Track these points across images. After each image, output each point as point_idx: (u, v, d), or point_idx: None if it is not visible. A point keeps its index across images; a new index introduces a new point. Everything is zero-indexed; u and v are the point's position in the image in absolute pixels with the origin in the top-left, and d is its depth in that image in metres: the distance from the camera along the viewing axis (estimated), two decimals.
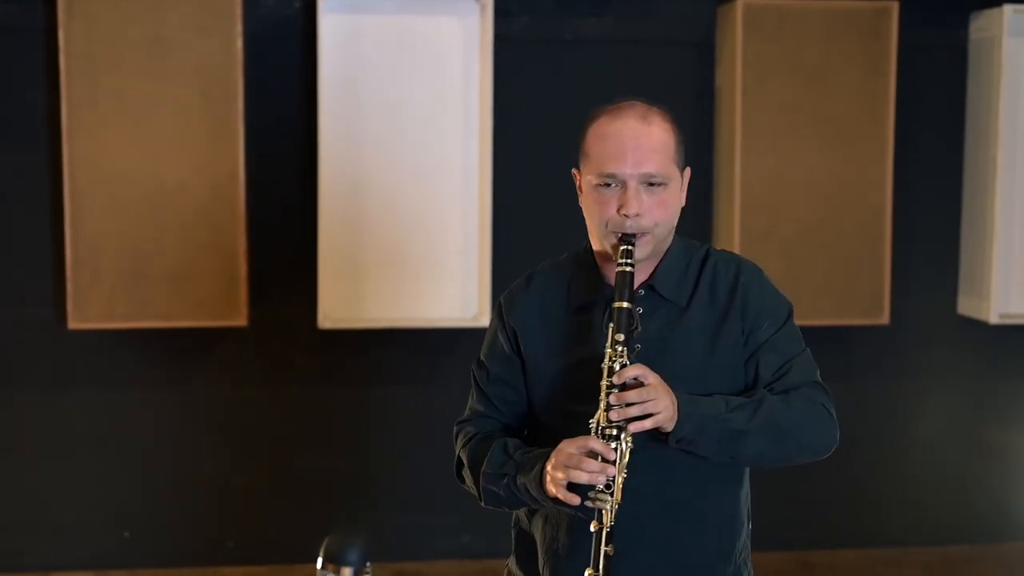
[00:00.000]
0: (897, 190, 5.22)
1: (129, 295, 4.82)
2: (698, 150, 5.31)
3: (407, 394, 5.25)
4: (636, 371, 2.21)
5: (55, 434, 5.12)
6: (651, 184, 2.31)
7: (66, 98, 4.73)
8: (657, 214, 2.32)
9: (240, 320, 4.88)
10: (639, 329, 2.30)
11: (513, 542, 2.57)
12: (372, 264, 5.01)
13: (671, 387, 2.25)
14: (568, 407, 2.34)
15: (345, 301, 4.99)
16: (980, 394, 5.59)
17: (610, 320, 2.26)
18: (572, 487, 2.21)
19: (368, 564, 2.63)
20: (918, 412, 5.55)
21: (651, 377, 2.21)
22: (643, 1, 5.23)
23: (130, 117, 4.77)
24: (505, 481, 2.37)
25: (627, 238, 2.30)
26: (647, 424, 2.20)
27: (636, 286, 2.33)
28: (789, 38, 5.05)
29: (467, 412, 2.56)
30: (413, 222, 5.03)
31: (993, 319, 5.23)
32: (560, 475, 2.21)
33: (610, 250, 2.34)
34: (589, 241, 2.45)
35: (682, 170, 2.39)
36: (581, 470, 2.18)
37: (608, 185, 2.31)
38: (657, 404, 2.20)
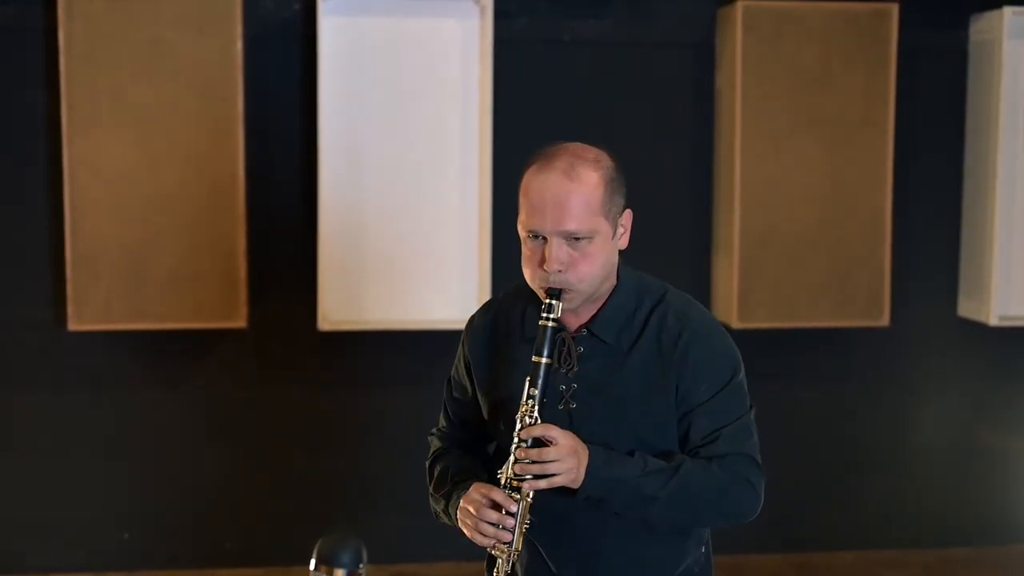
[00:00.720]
0: (897, 192, 5.21)
1: (128, 296, 4.82)
2: (698, 152, 5.31)
3: (406, 395, 5.24)
4: (541, 431, 2.25)
5: (54, 435, 5.12)
6: (575, 239, 2.28)
7: (66, 99, 4.73)
8: (582, 269, 2.29)
9: (239, 322, 4.88)
10: (575, 369, 2.33)
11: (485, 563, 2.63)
12: (371, 266, 5.01)
13: (598, 432, 2.30)
14: (505, 442, 2.39)
15: (344, 303, 4.99)
16: (980, 396, 5.58)
17: (528, 374, 2.29)
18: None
19: (361, 566, 2.63)
20: (918, 414, 5.55)
21: (558, 437, 2.24)
22: (643, 3, 5.23)
23: (130, 118, 4.77)
24: (442, 505, 2.49)
25: (551, 292, 2.29)
26: (542, 484, 2.24)
27: (580, 325, 2.37)
28: (789, 40, 5.05)
29: (439, 422, 2.67)
30: (412, 224, 5.03)
31: (993, 321, 5.23)
32: (469, 522, 2.32)
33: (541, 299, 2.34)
34: None
35: (616, 216, 2.34)
36: (481, 533, 2.29)
37: (536, 238, 2.30)
38: (559, 466, 2.24)
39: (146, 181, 4.80)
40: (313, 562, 2.69)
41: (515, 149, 5.08)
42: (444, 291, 5.06)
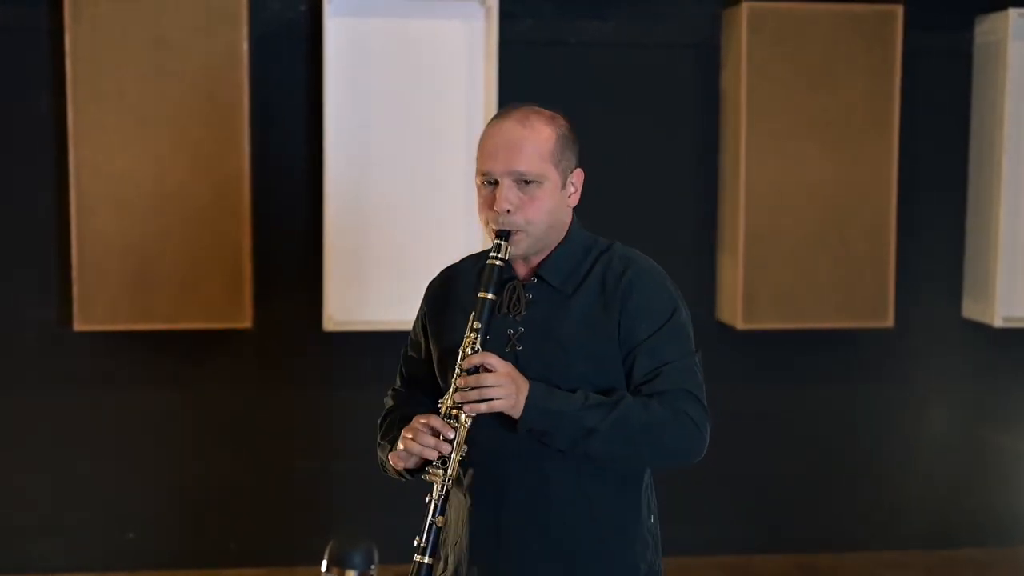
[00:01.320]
0: (902, 193, 5.22)
1: (134, 297, 4.83)
2: (702, 153, 5.31)
3: None
4: (480, 359, 2.33)
5: (60, 435, 5.13)
6: (525, 182, 2.40)
7: (72, 100, 4.74)
8: (529, 211, 2.40)
9: (245, 322, 4.89)
10: (523, 313, 2.42)
11: None
12: (376, 266, 5.01)
13: (543, 373, 2.36)
14: (449, 383, 2.43)
15: (349, 303, 4.99)
16: (984, 397, 5.58)
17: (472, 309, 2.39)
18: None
19: (373, 567, 2.64)
20: (922, 415, 5.55)
21: (497, 364, 2.33)
22: (648, 4, 5.23)
23: (136, 119, 4.78)
24: (387, 451, 2.54)
25: (500, 233, 2.41)
26: (482, 408, 2.32)
27: (528, 274, 2.47)
28: (794, 41, 5.06)
29: (393, 385, 2.73)
30: (418, 224, 5.03)
31: (997, 322, 5.23)
32: (401, 446, 2.39)
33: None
34: None
35: (568, 171, 2.46)
36: (418, 443, 2.34)
37: (489, 184, 2.43)
38: (497, 391, 2.31)
39: (151, 181, 4.81)
40: (325, 563, 2.71)
41: None
42: None
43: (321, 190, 4.94)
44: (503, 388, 2.31)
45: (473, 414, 2.33)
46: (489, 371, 2.32)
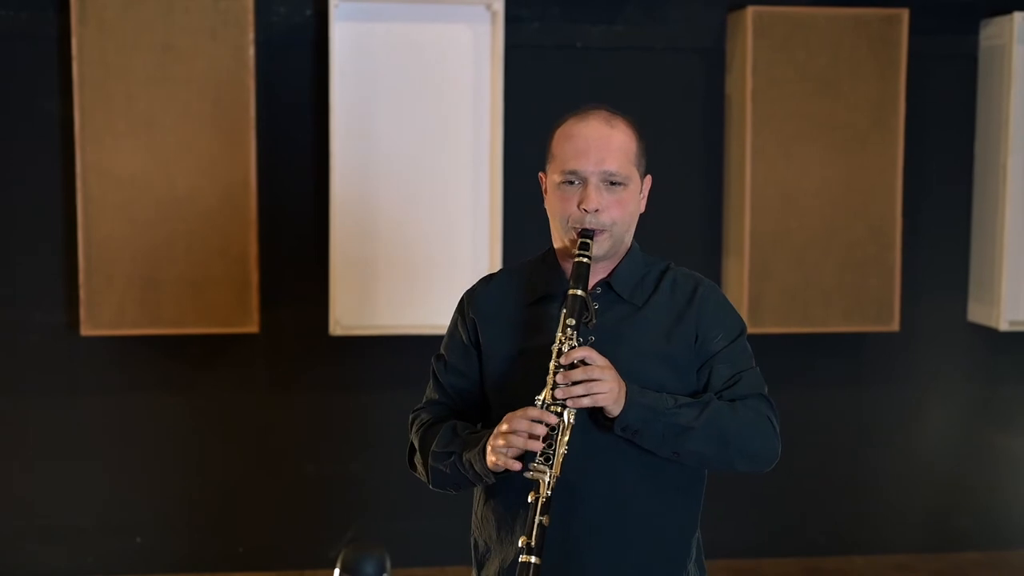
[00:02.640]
0: (907, 196, 5.22)
1: (141, 302, 4.84)
2: (708, 156, 5.32)
3: (418, 400, 5.23)
4: (583, 352, 2.30)
5: (67, 440, 5.14)
6: (611, 183, 2.41)
7: (79, 105, 4.75)
8: (615, 212, 2.42)
9: (251, 326, 4.89)
10: (594, 321, 2.39)
11: (473, 560, 2.63)
12: (383, 270, 5.02)
13: (623, 379, 2.33)
14: (519, 394, 2.38)
15: (356, 307, 5.00)
16: (990, 401, 5.58)
17: (563, 306, 2.35)
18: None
19: (385, 575, 2.64)
20: (928, 419, 5.55)
21: (598, 359, 2.30)
22: (653, 8, 5.24)
23: (143, 124, 4.79)
24: (452, 459, 2.44)
25: (586, 232, 2.40)
26: (586, 401, 2.28)
27: (594, 284, 2.46)
28: (799, 45, 5.06)
29: (423, 402, 2.66)
30: (424, 228, 5.04)
31: (1003, 326, 5.24)
32: (501, 442, 2.28)
33: (569, 244, 2.44)
34: (552, 244, 2.55)
35: (642, 176, 2.50)
36: (522, 437, 2.25)
37: (571, 183, 2.42)
38: (602, 385, 2.28)
39: (159, 186, 4.82)
40: (337, 572, 2.71)
41: (526, 154, 5.12)
42: (456, 295, 5.01)
43: (328, 194, 4.95)
44: (607, 382, 2.28)
45: (575, 408, 2.28)
46: (589, 365, 2.29)
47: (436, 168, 5.02)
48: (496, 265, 4.98)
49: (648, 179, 2.52)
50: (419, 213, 5.03)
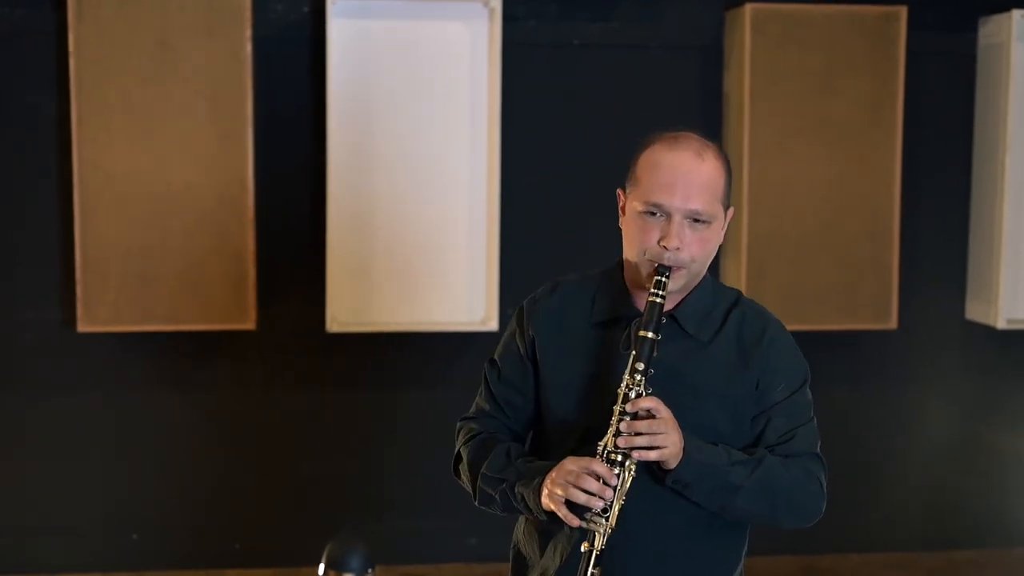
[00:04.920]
0: (905, 194, 5.21)
1: (137, 298, 4.83)
2: None
3: (414, 398, 5.26)
4: (650, 403, 2.22)
5: (64, 436, 5.14)
6: (696, 220, 2.31)
7: (75, 102, 4.75)
8: (696, 250, 2.32)
9: (248, 323, 4.89)
10: (656, 354, 2.28)
11: (511, 564, 2.57)
12: (380, 267, 5.02)
13: (676, 419, 2.25)
14: (576, 420, 2.34)
15: (353, 304, 5.00)
16: (987, 399, 5.58)
17: (632, 347, 2.27)
18: (570, 507, 2.22)
19: (370, 571, 2.63)
20: (925, 417, 5.55)
21: (664, 411, 2.23)
22: (651, 5, 5.23)
23: (139, 120, 4.78)
24: (503, 487, 2.38)
25: (662, 269, 2.30)
26: (651, 456, 2.21)
27: None
28: (797, 43, 5.05)
29: (473, 409, 2.57)
30: (421, 225, 5.03)
31: (1001, 324, 5.23)
32: (559, 491, 2.22)
33: (644, 278, 2.34)
34: (620, 259, 2.44)
35: (726, 209, 2.39)
36: (580, 489, 2.19)
37: (653, 214, 2.32)
38: (666, 439, 2.22)
39: (155, 183, 4.81)
40: (322, 567, 2.70)
41: (524, 152, 5.14)
42: (453, 293, 5.07)
43: (324, 191, 4.94)
44: (671, 436, 2.22)
45: (637, 460, 2.22)
46: (654, 417, 2.23)
47: (433, 166, 5.02)
48: (492, 264, 4.98)
49: (731, 210, 2.42)
50: (416, 210, 5.02)
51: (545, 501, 2.26)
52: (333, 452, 5.27)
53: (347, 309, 4.99)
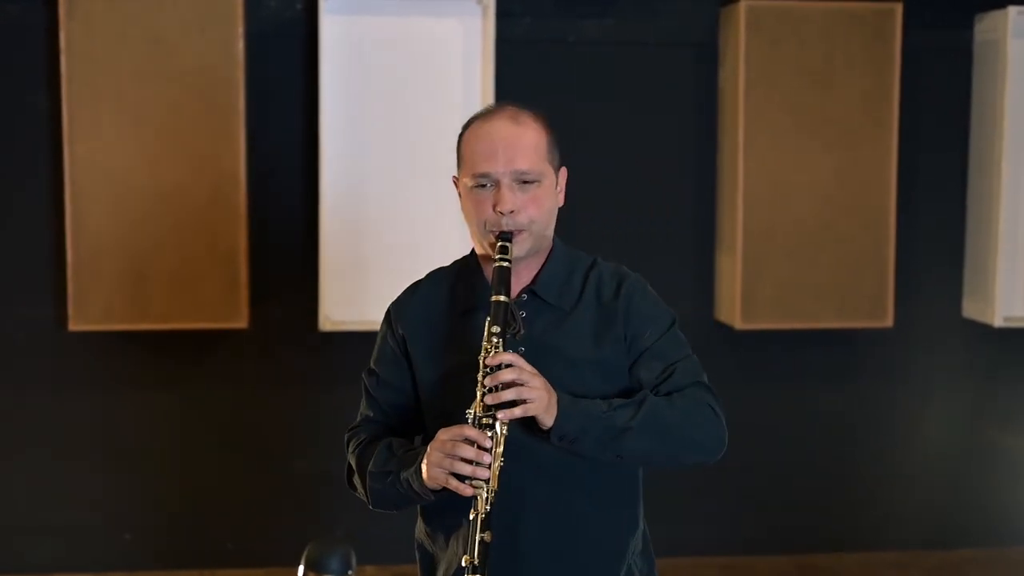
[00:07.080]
0: (901, 192, 5.20)
1: (129, 297, 4.82)
2: (701, 152, 5.29)
3: None
4: (510, 357, 2.23)
5: (56, 436, 5.12)
6: (524, 182, 2.35)
7: (67, 98, 4.73)
8: (532, 211, 2.36)
9: (240, 322, 4.87)
10: (522, 332, 2.32)
11: (418, 563, 2.60)
12: (373, 266, 5.00)
13: (552, 387, 2.27)
14: (451, 409, 2.33)
15: (346, 303, 4.98)
16: (984, 397, 5.57)
17: (488, 314, 2.29)
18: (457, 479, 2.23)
19: (350, 572, 2.61)
20: (922, 415, 5.54)
21: (525, 365, 2.24)
22: (646, 3, 5.21)
23: (131, 118, 4.77)
24: (389, 479, 2.41)
25: (504, 235, 2.34)
26: (517, 412, 2.21)
27: (519, 291, 2.40)
28: (792, 39, 5.04)
29: (358, 419, 2.59)
30: (414, 223, 5.02)
31: (997, 322, 5.22)
32: (445, 464, 2.22)
33: (489, 249, 2.38)
34: (474, 247, 2.48)
35: (557, 169, 2.43)
36: (461, 461, 2.19)
37: (483, 186, 2.37)
38: (531, 391, 2.21)
39: (147, 181, 4.79)
40: (302, 568, 2.68)
41: None
42: None
43: (317, 189, 4.93)
44: (537, 389, 2.21)
45: (507, 420, 2.21)
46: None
47: (426, 164, 4.99)
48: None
49: (563, 171, 2.46)
50: (409, 208, 5.01)
51: (430, 478, 2.26)
52: (326, 450, 5.22)
53: (340, 307, 4.97)
